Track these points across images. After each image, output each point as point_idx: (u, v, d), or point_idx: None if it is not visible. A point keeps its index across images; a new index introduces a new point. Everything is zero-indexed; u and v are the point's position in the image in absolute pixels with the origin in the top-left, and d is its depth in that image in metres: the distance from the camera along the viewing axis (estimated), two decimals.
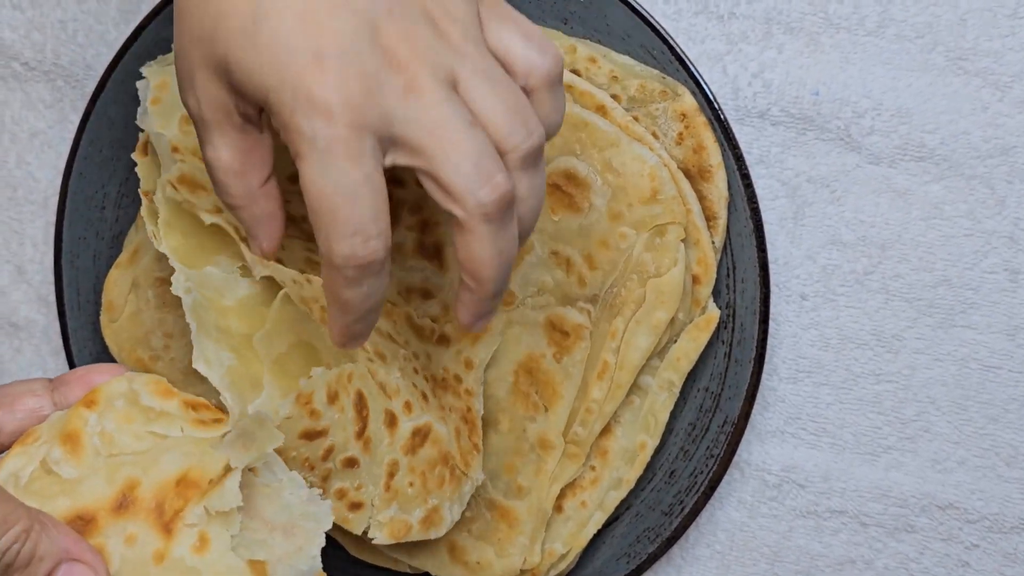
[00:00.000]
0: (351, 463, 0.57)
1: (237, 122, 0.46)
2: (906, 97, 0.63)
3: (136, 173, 0.61)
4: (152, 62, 0.64)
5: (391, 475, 0.58)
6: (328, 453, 0.56)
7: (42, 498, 0.46)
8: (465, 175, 0.43)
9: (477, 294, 0.47)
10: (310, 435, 0.55)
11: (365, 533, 0.58)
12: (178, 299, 0.65)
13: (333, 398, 0.55)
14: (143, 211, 0.57)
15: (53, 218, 0.71)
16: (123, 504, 0.46)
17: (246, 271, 0.56)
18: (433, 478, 0.59)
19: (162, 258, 0.65)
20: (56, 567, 0.44)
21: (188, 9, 0.45)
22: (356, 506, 0.57)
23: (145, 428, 0.47)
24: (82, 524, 0.46)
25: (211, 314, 0.54)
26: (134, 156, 0.60)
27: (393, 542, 0.58)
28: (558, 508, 0.64)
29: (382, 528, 0.58)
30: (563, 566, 0.65)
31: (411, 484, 0.59)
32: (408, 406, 0.58)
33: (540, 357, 0.63)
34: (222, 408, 0.51)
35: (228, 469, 0.46)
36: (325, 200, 0.42)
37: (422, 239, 0.61)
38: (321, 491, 0.51)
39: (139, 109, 0.61)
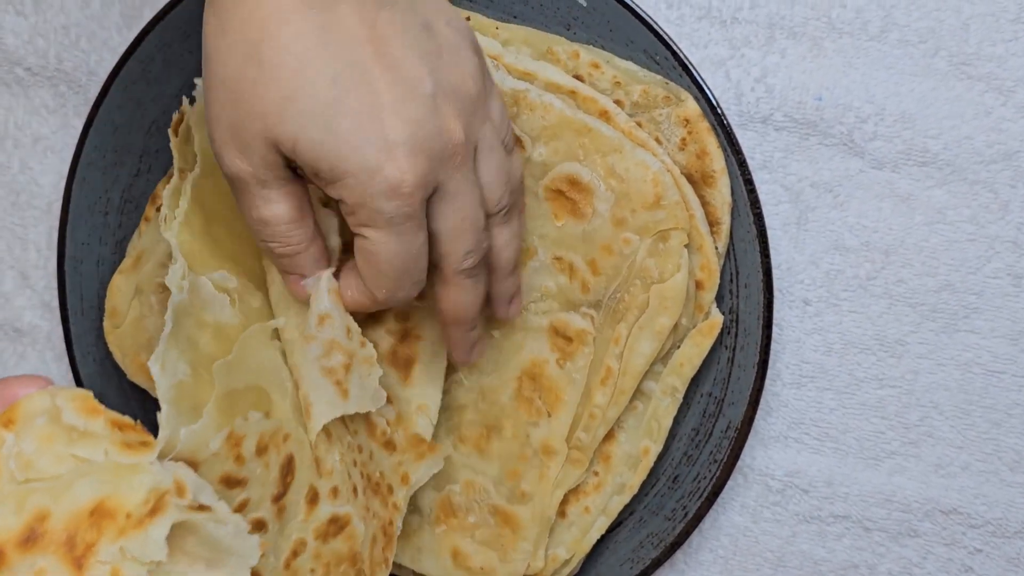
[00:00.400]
0: (260, 525, 0.56)
1: (288, 175, 0.50)
2: (909, 102, 0.63)
3: (138, 179, 0.61)
4: None
5: (295, 554, 0.58)
6: (242, 506, 0.55)
7: None
8: (466, 245, 0.52)
9: (461, 331, 0.56)
10: (229, 482, 0.55)
11: None
12: None
13: (262, 451, 0.55)
14: (167, 190, 0.58)
15: (56, 223, 0.71)
16: (31, 537, 0.41)
17: (235, 298, 0.57)
18: (336, 575, 0.59)
19: (165, 264, 0.66)
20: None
21: (247, 86, 0.47)
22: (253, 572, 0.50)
23: (67, 450, 0.42)
24: None
25: (189, 321, 0.54)
26: (169, 131, 0.60)
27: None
28: (561, 513, 0.64)
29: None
30: (567, 571, 0.65)
31: (312, 570, 0.59)
32: (335, 492, 0.59)
33: (543, 362, 0.63)
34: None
35: (151, 506, 0.42)
36: (395, 262, 0.50)
37: (397, 348, 0.61)
38: (248, 526, 0.46)
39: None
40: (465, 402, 0.64)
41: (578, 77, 0.62)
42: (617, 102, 0.62)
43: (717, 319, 0.62)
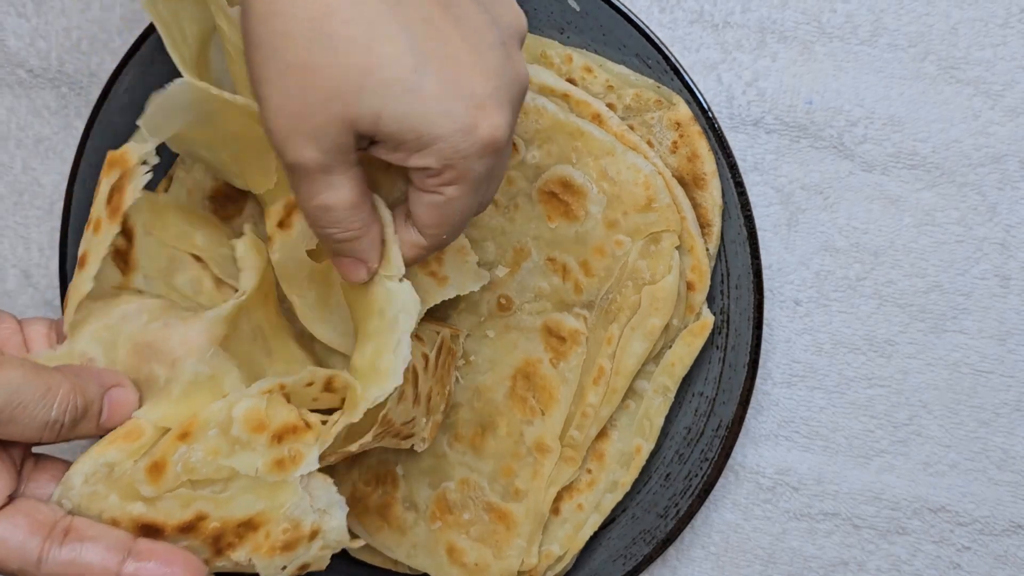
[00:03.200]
0: (408, 421, 0.58)
1: (354, 158, 0.47)
2: (898, 105, 0.64)
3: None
4: None
5: (428, 400, 0.60)
6: (388, 424, 0.56)
7: (123, 495, 0.49)
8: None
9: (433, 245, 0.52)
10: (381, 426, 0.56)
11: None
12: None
13: (400, 396, 0.56)
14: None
15: (58, 223, 0.72)
16: (189, 528, 0.50)
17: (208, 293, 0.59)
18: (446, 371, 0.62)
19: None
20: (103, 399, 0.50)
21: (316, 68, 0.44)
22: (408, 436, 0.59)
23: (226, 461, 0.50)
24: (149, 531, 0.49)
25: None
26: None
27: (432, 440, 0.61)
28: (555, 511, 0.65)
29: (425, 441, 0.61)
30: (560, 568, 0.65)
31: (438, 393, 0.61)
32: (418, 338, 0.60)
33: (537, 362, 0.64)
34: (308, 424, 0.52)
35: (287, 539, 0.50)
36: (468, 212, 0.49)
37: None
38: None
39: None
40: (460, 400, 0.65)
41: (571, 81, 0.63)
42: (610, 105, 0.62)
43: (708, 319, 0.63)
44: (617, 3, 0.62)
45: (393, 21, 0.44)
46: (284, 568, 0.51)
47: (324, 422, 0.52)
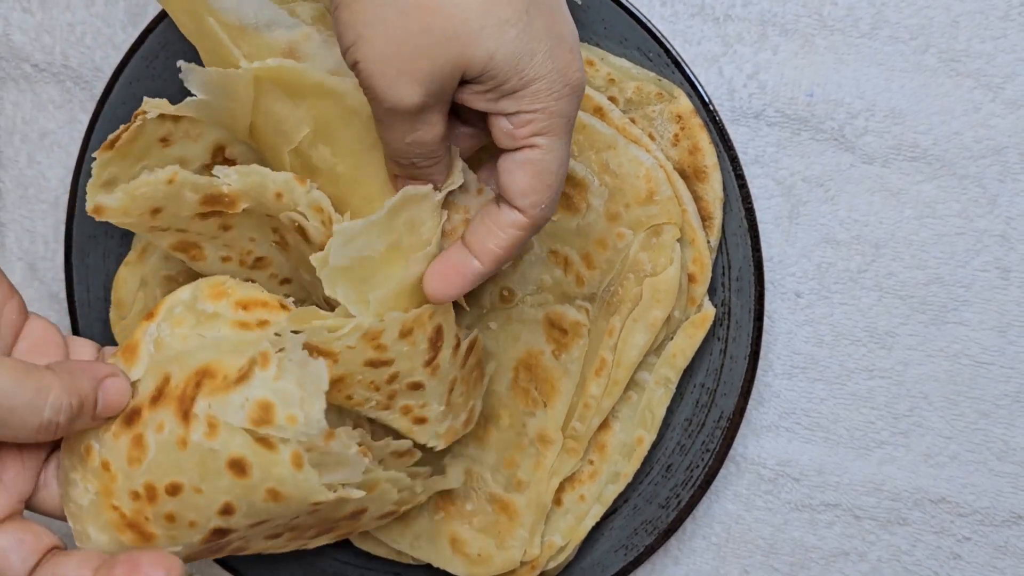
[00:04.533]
0: (416, 386, 0.57)
1: (447, 99, 0.48)
2: (899, 98, 0.64)
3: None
4: None
5: (451, 391, 0.59)
6: (392, 378, 0.56)
7: None
8: None
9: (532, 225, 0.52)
10: (374, 364, 0.54)
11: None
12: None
13: (406, 333, 0.54)
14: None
15: (63, 216, 0.73)
16: (157, 397, 0.49)
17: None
18: (472, 381, 0.61)
19: (170, 256, 0.67)
20: (97, 392, 0.49)
21: (433, 9, 0.44)
22: (420, 421, 0.58)
23: (193, 331, 0.50)
24: (131, 417, 0.50)
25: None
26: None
27: (446, 446, 0.60)
28: (557, 501, 0.65)
29: (440, 438, 0.60)
30: (562, 558, 0.66)
31: (462, 394, 0.60)
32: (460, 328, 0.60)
33: (539, 354, 0.64)
34: (283, 305, 0.53)
35: (242, 373, 0.48)
36: (563, 170, 0.50)
37: None
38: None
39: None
40: None
41: None
42: (611, 99, 0.63)
43: (709, 311, 0.63)
44: None
45: None
46: (243, 405, 0.48)
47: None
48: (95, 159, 0.55)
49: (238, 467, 0.48)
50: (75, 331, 0.69)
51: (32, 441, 0.48)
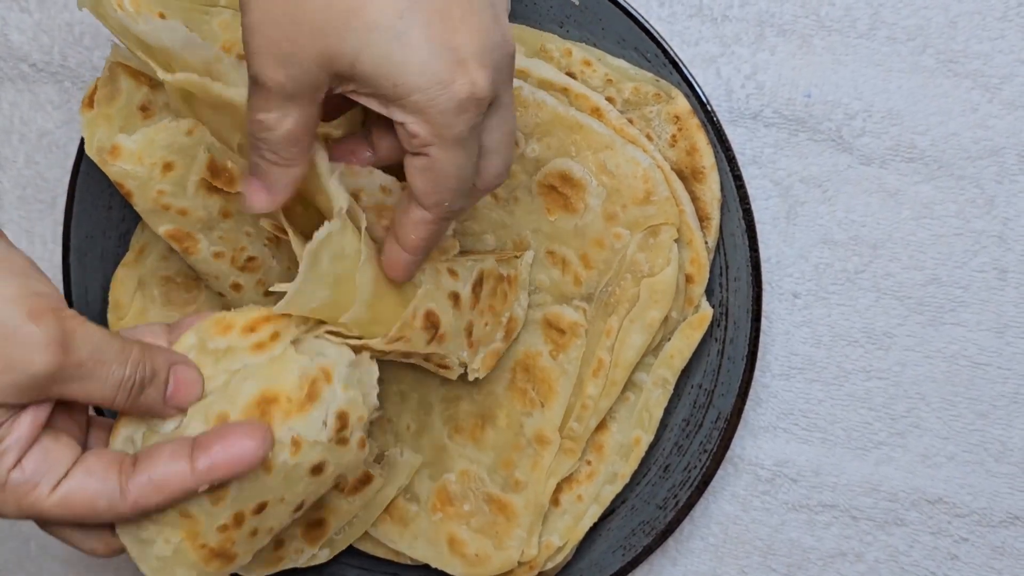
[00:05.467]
0: (428, 356, 0.59)
1: (318, 99, 0.47)
2: (897, 99, 0.64)
3: None
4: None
5: (469, 334, 0.60)
6: (407, 355, 0.58)
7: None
8: (508, 160, 0.52)
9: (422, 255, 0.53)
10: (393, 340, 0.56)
11: None
12: (183, 297, 0.67)
13: (397, 339, 0.56)
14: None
15: (61, 217, 0.72)
16: None
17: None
18: (497, 300, 0.62)
19: (167, 257, 0.67)
20: (169, 372, 0.50)
21: (302, 1, 0.44)
22: (445, 367, 0.61)
23: (216, 369, 0.51)
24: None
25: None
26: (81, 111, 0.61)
27: (488, 371, 0.62)
28: (555, 502, 0.65)
29: (479, 371, 0.62)
30: (560, 558, 0.66)
31: (486, 324, 0.61)
32: (453, 273, 0.60)
33: (537, 354, 0.64)
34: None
35: (307, 391, 0.51)
36: (461, 174, 0.49)
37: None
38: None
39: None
40: (460, 392, 0.66)
41: (570, 74, 0.63)
42: (609, 99, 0.63)
43: (707, 312, 0.63)
44: None
45: None
46: (325, 421, 0.51)
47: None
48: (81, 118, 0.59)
49: (318, 469, 0.52)
50: None
51: (108, 401, 0.49)
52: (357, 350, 0.54)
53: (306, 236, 0.55)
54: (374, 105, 0.47)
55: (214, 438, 0.49)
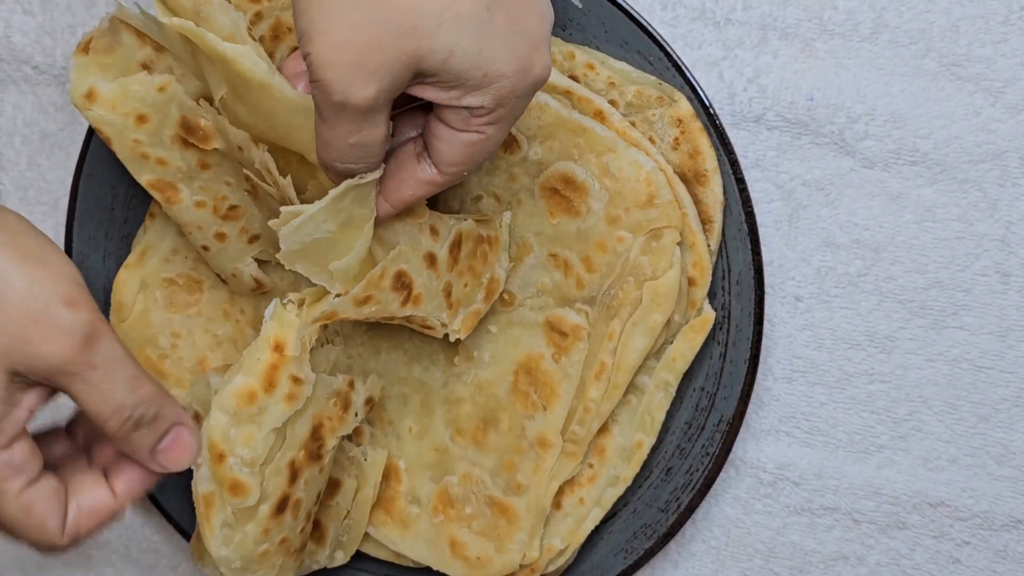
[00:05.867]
0: (408, 318, 0.60)
1: (395, 96, 0.47)
2: (899, 102, 0.64)
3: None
4: None
5: (448, 294, 0.60)
6: (388, 318, 0.59)
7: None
8: None
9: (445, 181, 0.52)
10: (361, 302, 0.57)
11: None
12: (185, 299, 0.67)
13: (365, 300, 0.56)
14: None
15: (64, 219, 0.72)
16: (294, 477, 0.58)
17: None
18: (477, 260, 0.61)
19: (170, 259, 0.67)
20: (170, 428, 0.52)
21: (390, 1, 0.43)
22: (428, 327, 0.61)
23: (263, 431, 0.55)
24: (280, 506, 0.58)
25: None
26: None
27: (469, 333, 0.62)
28: (556, 505, 0.65)
29: (459, 332, 0.61)
30: (562, 561, 0.66)
31: (466, 285, 0.61)
32: (435, 231, 0.59)
33: (539, 357, 0.64)
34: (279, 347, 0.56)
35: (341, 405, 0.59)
36: (490, 152, 0.50)
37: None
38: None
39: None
40: (463, 395, 0.66)
41: (573, 78, 0.63)
42: (611, 102, 0.63)
43: (709, 315, 0.63)
44: (619, 0, 0.62)
45: None
46: (356, 416, 0.60)
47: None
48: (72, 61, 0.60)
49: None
50: None
51: (99, 416, 0.49)
52: (328, 318, 0.55)
53: (298, 190, 0.56)
54: (448, 97, 0.47)
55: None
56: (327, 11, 0.43)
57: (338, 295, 0.55)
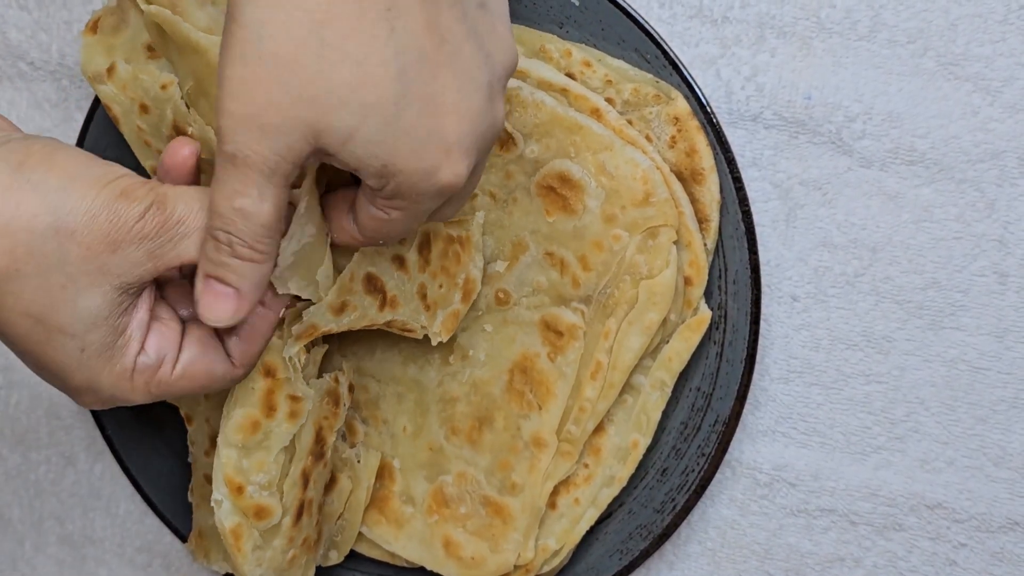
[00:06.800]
0: (388, 317, 0.60)
1: (292, 178, 0.46)
2: (897, 101, 0.64)
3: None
4: None
5: (423, 296, 0.61)
6: (369, 326, 0.61)
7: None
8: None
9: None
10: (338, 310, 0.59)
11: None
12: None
13: (341, 309, 0.58)
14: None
15: None
16: (298, 515, 0.60)
17: None
18: (450, 261, 0.61)
19: None
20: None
21: (303, 68, 0.42)
22: (409, 331, 0.62)
23: (273, 452, 0.58)
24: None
25: None
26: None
27: (451, 334, 0.62)
28: (552, 505, 0.65)
29: (440, 334, 0.62)
30: (557, 562, 0.66)
31: (440, 286, 0.61)
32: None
33: (535, 356, 0.64)
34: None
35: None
36: (400, 234, 0.50)
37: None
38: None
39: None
40: (458, 394, 0.65)
41: (570, 75, 0.63)
42: (608, 100, 0.62)
43: (705, 315, 0.63)
44: None
45: (389, 47, 0.43)
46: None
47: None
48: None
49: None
50: None
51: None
52: (310, 334, 0.56)
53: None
54: (361, 175, 0.46)
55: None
56: (243, 60, 0.43)
57: (310, 303, 0.55)
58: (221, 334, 0.51)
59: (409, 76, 0.43)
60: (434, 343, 0.61)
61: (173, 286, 0.52)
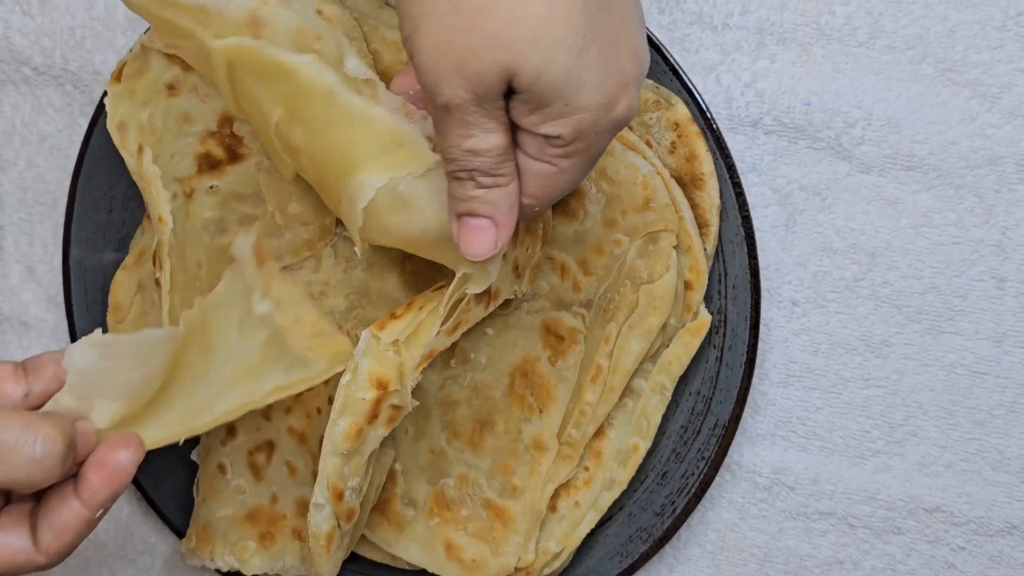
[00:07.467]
0: (490, 310, 0.60)
1: (504, 106, 0.46)
2: (896, 107, 0.64)
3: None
4: None
5: (515, 267, 0.60)
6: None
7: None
8: None
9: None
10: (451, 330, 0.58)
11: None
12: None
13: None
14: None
15: (62, 219, 0.72)
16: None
17: None
18: (534, 220, 0.60)
19: None
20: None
21: (491, 13, 0.43)
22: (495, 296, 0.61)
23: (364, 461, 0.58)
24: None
25: None
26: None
27: (532, 285, 0.62)
28: (552, 508, 0.65)
29: (525, 289, 0.62)
30: (557, 564, 0.66)
31: (527, 248, 0.60)
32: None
33: (535, 360, 0.64)
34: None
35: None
36: (563, 189, 0.49)
37: None
38: None
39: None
40: (459, 398, 0.66)
41: None
42: None
43: (705, 319, 0.63)
44: None
45: None
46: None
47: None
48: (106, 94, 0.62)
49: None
50: (72, 334, 0.70)
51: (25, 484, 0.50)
52: (430, 357, 0.57)
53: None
54: (529, 122, 0.46)
55: (90, 468, 0.52)
56: (428, 13, 0.44)
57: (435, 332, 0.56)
58: (36, 521, 0.52)
59: (591, 12, 0.44)
60: (519, 295, 0.61)
61: None
